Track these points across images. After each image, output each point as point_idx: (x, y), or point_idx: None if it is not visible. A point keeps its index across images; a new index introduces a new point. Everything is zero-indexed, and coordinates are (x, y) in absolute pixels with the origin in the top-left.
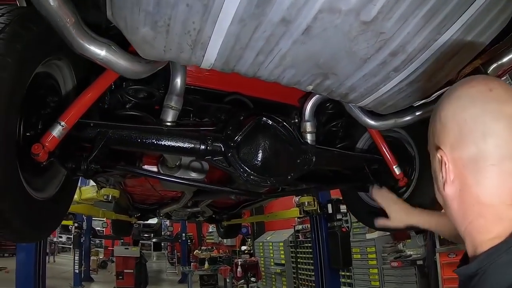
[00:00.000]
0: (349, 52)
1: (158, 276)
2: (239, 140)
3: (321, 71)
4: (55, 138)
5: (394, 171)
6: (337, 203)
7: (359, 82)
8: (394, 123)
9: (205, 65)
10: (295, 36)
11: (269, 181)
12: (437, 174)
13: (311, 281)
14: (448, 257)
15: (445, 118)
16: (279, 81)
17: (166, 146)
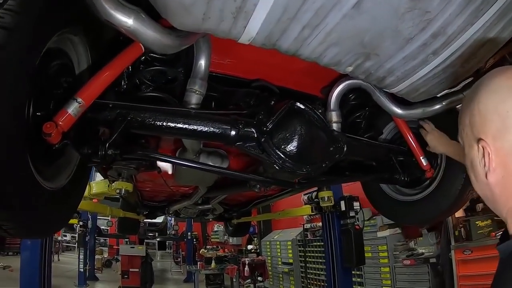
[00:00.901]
0: (394, 30)
1: (163, 275)
2: (272, 125)
3: (364, 51)
4: (71, 117)
5: (421, 162)
6: (350, 200)
7: (398, 65)
8: (423, 112)
9: (244, 38)
10: (345, 10)
11: (304, 169)
12: (476, 164)
13: (320, 280)
14: (464, 254)
15: (485, 111)
16: (318, 61)
17: (193, 130)
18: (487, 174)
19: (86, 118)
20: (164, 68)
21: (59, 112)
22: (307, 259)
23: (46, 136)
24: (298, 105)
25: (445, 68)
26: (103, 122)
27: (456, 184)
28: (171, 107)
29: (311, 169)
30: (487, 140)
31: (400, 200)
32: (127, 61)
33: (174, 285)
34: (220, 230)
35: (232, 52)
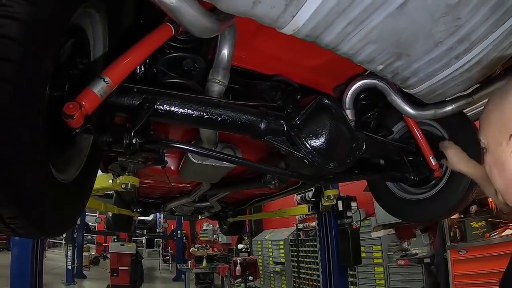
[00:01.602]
0: (428, 33)
1: (151, 274)
2: (302, 119)
3: (397, 51)
4: (96, 97)
5: (430, 161)
6: (348, 201)
7: (423, 66)
8: (434, 114)
9: (289, 29)
10: (391, 9)
11: (332, 164)
12: (506, 158)
13: (313, 280)
14: (459, 253)
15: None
16: (353, 57)
17: (223, 121)
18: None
19: (107, 103)
20: (188, 55)
21: (83, 91)
22: (299, 258)
23: (68, 118)
24: (326, 101)
25: (463, 72)
26: (125, 108)
27: (464, 183)
28: (199, 96)
29: (338, 164)
30: None
31: (407, 199)
32: (156, 42)
33: (163, 283)
34: (209, 228)
35: (252, 45)
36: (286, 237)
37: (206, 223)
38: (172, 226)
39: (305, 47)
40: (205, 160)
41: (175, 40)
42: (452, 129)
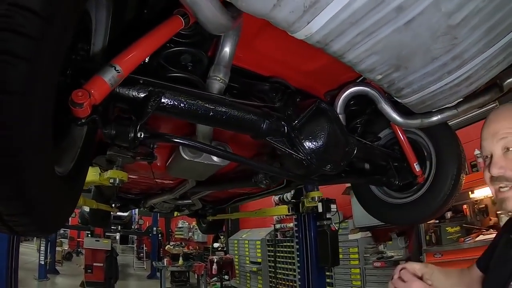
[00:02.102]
0: (427, 49)
1: (125, 271)
2: (302, 122)
3: (397, 63)
4: (106, 86)
5: (414, 167)
6: (328, 203)
7: (418, 79)
8: (421, 123)
9: (302, 33)
10: (398, 25)
11: (328, 166)
12: None
13: (289, 280)
14: (434, 257)
15: None
16: (356, 65)
17: (226, 119)
18: None
19: (112, 93)
20: (192, 50)
21: (93, 79)
22: (276, 259)
23: (76, 107)
24: (324, 105)
25: (452, 86)
26: (130, 101)
27: (445, 189)
28: (206, 92)
29: (333, 166)
30: None
31: (390, 203)
32: (167, 34)
33: (137, 281)
34: (184, 226)
35: (251, 46)
36: (263, 237)
37: (181, 220)
38: (147, 222)
39: (301, 51)
40: (197, 157)
41: (178, 34)
42: (436, 139)
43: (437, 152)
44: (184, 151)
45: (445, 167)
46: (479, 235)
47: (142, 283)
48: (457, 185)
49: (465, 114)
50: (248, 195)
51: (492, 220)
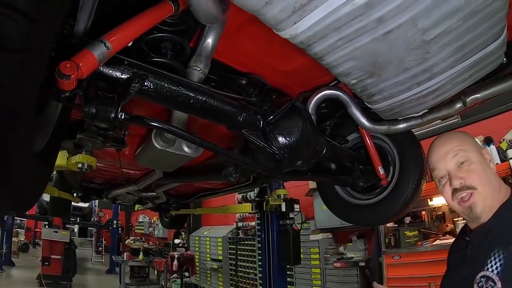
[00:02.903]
0: (400, 60)
1: (83, 265)
2: (277, 117)
3: (371, 70)
4: (95, 61)
5: (378, 170)
6: (292, 202)
7: (389, 87)
8: (387, 129)
9: (287, 33)
10: (377, 35)
11: (299, 162)
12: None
13: (250, 278)
14: (393, 258)
15: None
16: (333, 68)
17: (206, 109)
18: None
19: (95, 72)
20: (176, 37)
21: (82, 52)
22: (238, 257)
23: (63, 79)
24: (299, 104)
25: (420, 97)
26: (113, 81)
27: (407, 192)
28: (187, 80)
29: (304, 162)
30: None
31: (354, 203)
32: (156, 18)
33: (95, 275)
34: (145, 221)
35: (231, 42)
36: (225, 235)
37: (142, 215)
38: (107, 215)
39: (280, 52)
40: (169, 147)
41: (164, 23)
42: (401, 146)
43: (400, 158)
44: (156, 140)
45: (407, 172)
46: (436, 239)
47: (101, 278)
48: (418, 189)
49: (429, 124)
50: (213, 190)
51: (449, 226)
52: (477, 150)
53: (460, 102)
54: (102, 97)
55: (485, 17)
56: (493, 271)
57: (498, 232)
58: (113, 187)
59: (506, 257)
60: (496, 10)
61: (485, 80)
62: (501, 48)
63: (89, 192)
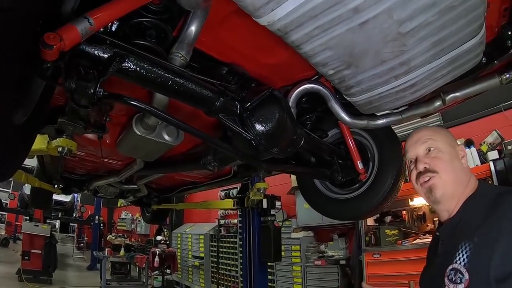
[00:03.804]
0: (377, 51)
1: (64, 261)
2: (254, 104)
3: (349, 60)
4: (78, 35)
5: (357, 165)
6: (273, 199)
7: (367, 79)
8: (367, 124)
9: (265, 19)
10: (352, 25)
11: (275, 149)
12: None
13: (231, 276)
14: (373, 256)
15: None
16: (311, 58)
17: (184, 91)
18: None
19: (77, 49)
20: (160, 23)
21: (66, 26)
22: (219, 254)
23: (46, 48)
24: (277, 93)
25: (398, 91)
26: (94, 59)
27: (385, 188)
28: (167, 62)
29: (280, 150)
30: None
31: (332, 197)
32: (140, 0)
33: (76, 272)
34: (127, 217)
35: (215, 33)
36: (207, 232)
37: (125, 211)
38: (89, 211)
39: (262, 45)
40: (149, 134)
41: (149, 10)
42: (380, 142)
43: (380, 153)
44: (137, 126)
45: (386, 167)
46: (416, 239)
47: (82, 274)
48: (397, 184)
49: (408, 121)
50: (194, 184)
51: (429, 226)
52: (448, 143)
53: (439, 100)
54: (82, 73)
55: (462, 13)
56: (461, 263)
57: (465, 225)
58: (94, 179)
59: (472, 248)
60: (473, 7)
61: (464, 78)
62: (479, 46)
63: (70, 184)
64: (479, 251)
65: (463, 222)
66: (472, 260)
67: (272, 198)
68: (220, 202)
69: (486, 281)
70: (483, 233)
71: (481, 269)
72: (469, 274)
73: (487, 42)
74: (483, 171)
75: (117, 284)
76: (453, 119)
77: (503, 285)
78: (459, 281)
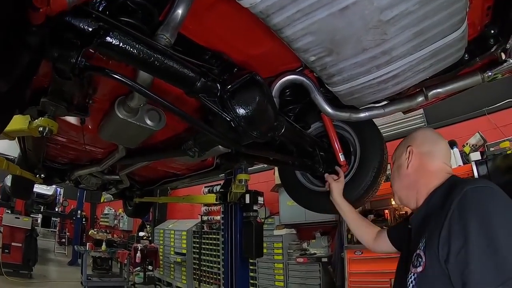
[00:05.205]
0: (358, 39)
1: (45, 256)
2: (236, 87)
3: (330, 47)
4: (64, 1)
5: (339, 158)
6: (256, 195)
7: (348, 68)
8: (349, 116)
9: (247, 2)
10: (333, 10)
11: (255, 132)
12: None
13: (213, 273)
14: (355, 254)
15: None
16: (292, 43)
17: (165, 69)
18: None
19: (62, 20)
20: (148, 5)
21: None
22: (202, 251)
23: (34, 10)
24: (259, 78)
25: (380, 82)
26: (78, 31)
27: (366, 180)
28: (150, 40)
29: (259, 134)
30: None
31: (313, 190)
32: None
33: (57, 267)
34: (110, 213)
35: (200, 20)
36: (190, 228)
37: (108, 207)
38: (72, 206)
39: (249, 35)
40: (131, 117)
41: None
42: (363, 135)
43: (361, 146)
44: (119, 109)
45: (368, 160)
46: None
47: (63, 269)
48: (378, 178)
49: (390, 114)
50: (176, 176)
51: None
52: (401, 151)
53: (422, 95)
54: (65, 42)
55: (443, 5)
56: (421, 248)
57: (428, 215)
58: (76, 168)
59: (428, 233)
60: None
61: (447, 74)
62: (461, 41)
63: (52, 174)
64: (432, 233)
65: (428, 213)
66: (428, 244)
67: (255, 193)
68: (203, 196)
69: (437, 261)
70: (436, 219)
71: (433, 251)
72: (425, 257)
73: (470, 40)
74: (466, 171)
75: (98, 279)
76: (438, 120)
77: (448, 265)
78: (418, 265)
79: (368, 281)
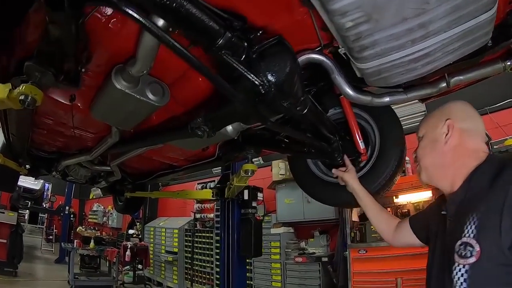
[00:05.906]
0: (401, 4)
1: (31, 253)
2: (265, 47)
3: (370, 11)
4: None
5: (359, 144)
6: (255, 191)
7: (383, 40)
8: (370, 101)
9: None
10: None
11: (286, 103)
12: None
13: (205, 273)
14: (359, 253)
15: None
16: (329, 4)
17: (184, 15)
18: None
19: None
20: None
21: None
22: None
23: None
24: (288, 43)
25: (410, 61)
26: None
27: (387, 171)
28: None
29: (290, 105)
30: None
31: (327, 181)
32: None
33: (44, 264)
34: (99, 210)
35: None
36: (182, 226)
37: (97, 203)
38: (60, 202)
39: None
40: (131, 89)
41: None
42: (382, 124)
43: (381, 138)
44: (117, 78)
45: (389, 148)
46: None
47: (49, 267)
48: (399, 167)
49: (413, 100)
50: (172, 168)
51: None
52: (432, 125)
53: (444, 81)
54: None
55: None
56: (470, 236)
57: (471, 197)
58: (64, 157)
59: (480, 218)
60: None
61: (471, 59)
62: (490, 24)
63: (38, 163)
64: (487, 218)
65: (470, 195)
66: (481, 230)
67: (254, 189)
68: (198, 192)
69: (498, 248)
70: (490, 200)
71: (492, 236)
72: (480, 245)
73: (495, 26)
74: None
75: (86, 278)
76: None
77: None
78: (469, 255)
79: (373, 280)
